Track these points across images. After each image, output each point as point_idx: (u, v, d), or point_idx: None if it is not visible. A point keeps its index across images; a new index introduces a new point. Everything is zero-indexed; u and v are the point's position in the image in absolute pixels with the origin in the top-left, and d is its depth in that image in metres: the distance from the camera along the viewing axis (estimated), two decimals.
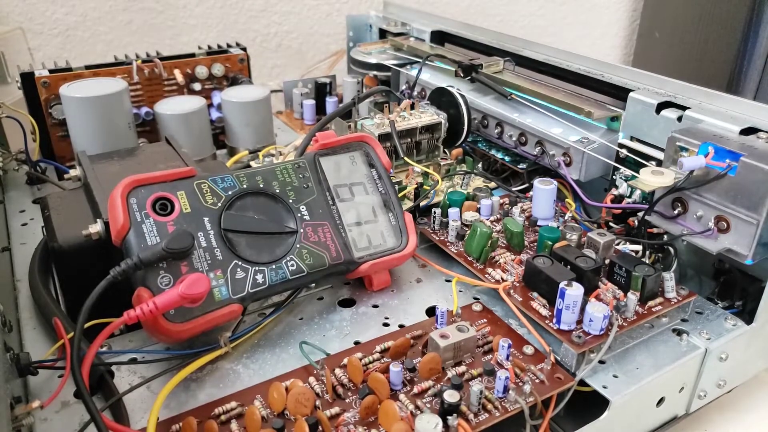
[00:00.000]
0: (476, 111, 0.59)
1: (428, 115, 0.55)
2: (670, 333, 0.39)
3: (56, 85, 0.58)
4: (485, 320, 0.39)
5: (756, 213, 0.37)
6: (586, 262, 0.39)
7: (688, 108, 0.45)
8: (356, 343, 0.38)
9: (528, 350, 0.37)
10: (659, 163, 0.44)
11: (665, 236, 0.44)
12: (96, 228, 0.37)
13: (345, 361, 0.35)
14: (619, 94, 0.51)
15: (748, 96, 1.10)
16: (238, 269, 0.36)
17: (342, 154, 0.44)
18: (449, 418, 0.30)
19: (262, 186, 0.39)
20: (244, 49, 0.69)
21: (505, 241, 0.45)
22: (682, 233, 0.41)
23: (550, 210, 0.47)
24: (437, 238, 0.47)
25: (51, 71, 0.60)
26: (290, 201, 0.40)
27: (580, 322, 0.36)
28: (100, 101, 0.55)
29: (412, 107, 0.56)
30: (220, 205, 0.37)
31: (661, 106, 0.46)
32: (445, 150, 0.57)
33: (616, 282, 0.40)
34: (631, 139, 0.49)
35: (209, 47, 0.68)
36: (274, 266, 0.37)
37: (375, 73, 0.76)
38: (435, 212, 0.47)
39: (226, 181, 0.38)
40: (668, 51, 1.29)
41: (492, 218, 0.48)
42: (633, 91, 0.49)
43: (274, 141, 0.66)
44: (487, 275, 0.42)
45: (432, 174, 0.53)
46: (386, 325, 0.40)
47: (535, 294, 0.39)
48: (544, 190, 0.47)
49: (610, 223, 0.49)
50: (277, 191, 0.40)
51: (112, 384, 0.34)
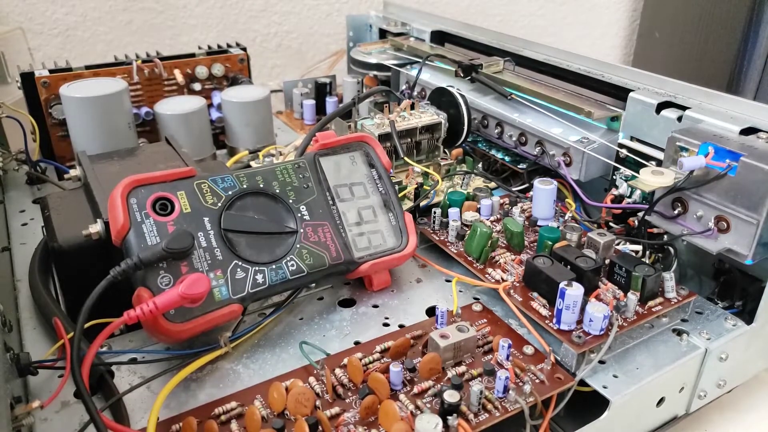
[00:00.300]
0: (476, 111, 0.59)
1: (428, 115, 0.55)
2: (670, 333, 0.39)
3: (56, 85, 0.58)
4: (485, 320, 0.39)
5: (756, 213, 0.37)
6: (586, 262, 0.39)
7: (688, 108, 0.45)
8: (356, 343, 0.38)
9: (528, 350, 0.37)
10: (659, 163, 0.44)
11: (665, 236, 0.44)
12: (96, 228, 0.37)
13: (345, 361, 0.35)
14: (619, 94, 0.51)
15: (748, 96, 1.10)
16: (238, 269, 0.36)
17: (342, 154, 0.44)
18: (449, 418, 0.30)
19: (262, 186, 0.39)
20: (244, 49, 0.69)
21: (505, 241, 0.45)
22: (682, 233, 0.41)
23: (550, 210, 0.47)
24: (437, 238, 0.47)
25: (51, 71, 0.60)
26: (290, 201, 0.40)
27: (580, 322, 0.36)
28: (100, 101, 0.55)
29: (412, 107, 0.56)
30: (220, 205, 0.37)
31: (661, 106, 0.46)
32: (445, 150, 0.57)
33: (616, 282, 0.40)
34: (631, 139, 0.49)
35: (209, 47, 0.68)
36: (274, 266, 0.37)
37: (375, 73, 0.76)
38: (435, 212, 0.47)
39: (226, 181, 0.38)
40: (668, 51, 1.29)
41: (492, 218, 0.48)
42: (633, 91, 0.49)
43: (274, 141, 0.66)
44: (487, 275, 0.42)
45: (432, 174, 0.53)
46: (386, 325, 0.40)
47: (535, 294, 0.39)
48: (544, 190, 0.47)
49: (610, 223, 0.49)
50: (277, 191, 0.40)
51: (112, 384, 0.34)
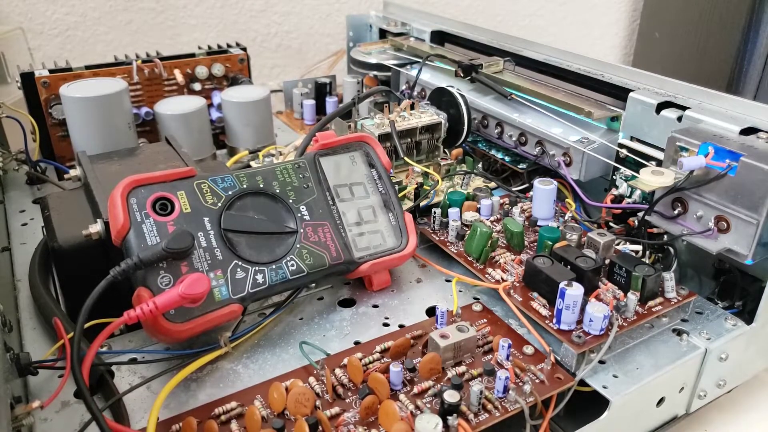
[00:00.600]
0: (476, 111, 0.59)
1: (428, 115, 0.55)
2: (670, 333, 0.39)
3: (56, 85, 0.58)
4: (485, 320, 0.39)
5: (756, 213, 0.37)
6: (586, 262, 0.39)
7: (688, 108, 0.45)
8: (356, 343, 0.38)
9: (528, 350, 0.37)
10: (659, 163, 0.44)
11: (665, 236, 0.44)
12: (96, 228, 0.37)
13: (345, 361, 0.35)
14: (619, 94, 0.51)
15: (748, 96, 1.10)
16: (238, 269, 0.36)
17: (342, 154, 0.44)
18: (449, 418, 0.30)
19: (262, 186, 0.39)
20: (244, 49, 0.69)
21: (505, 241, 0.45)
22: (682, 233, 0.41)
23: (550, 210, 0.47)
24: (437, 238, 0.47)
25: (51, 71, 0.60)
26: (290, 201, 0.40)
27: (580, 322, 0.36)
28: (100, 101, 0.55)
29: (412, 107, 0.56)
30: (220, 205, 0.37)
31: (661, 106, 0.46)
32: (445, 150, 0.57)
33: (616, 282, 0.40)
34: (631, 139, 0.49)
35: (209, 47, 0.68)
36: (274, 266, 0.37)
37: (375, 73, 0.76)
38: (435, 212, 0.47)
39: (226, 181, 0.38)
40: (668, 51, 1.29)
41: (492, 218, 0.48)
42: (633, 91, 0.49)
43: (274, 141, 0.66)
44: (487, 275, 0.42)
45: (432, 174, 0.53)
46: (386, 325, 0.40)
47: (535, 294, 0.39)
48: (544, 190, 0.47)
49: (610, 223, 0.49)
50: (277, 191, 0.40)
51: (112, 384, 0.34)
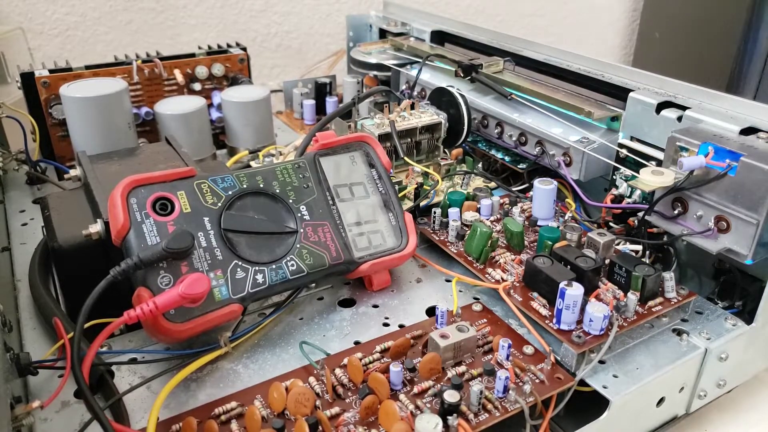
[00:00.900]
0: (476, 111, 0.59)
1: (428, 115, 0.55)
2: (670, 333, 0.39)
3: (56, 85, 0.58)
4: (485, 320, 0.39)
5: (756, 213, 0.37)
6: (586, 262, 0.39)
7: (688, 108, 0.45)
8: (356, 343, 0.38)
9: (528, 350, 0.37)
10: (659, 163, 0.44)
11: (665, 236, 0.44)
12: (96, 228, 0.37)
13: (345, 361, 0.35)
14: (619, 94, 0.51)
15: (748, 96, 1.10)
16: (238, 269, 0.36)
17: (342, 154, 0.44)
18: (449, 418, 0.30)
19: (262, 186, 0.39)
20: (244, 49, 0.69)
21: (505, 241, 0.45)
22: (682, 233, 0.41)
23: (550, 210, 0.47)
24: (437, 238, 0.47)
25: (51, 71, 0.60)
26: (290, 201, 0.40)
27: (580, 322, 0.36)
28: (100, 101, 0.55)
29: (412, 107, 0.56)
30: (220, 205, 0.37)
31: (661, 106, 0.46)
32: (445, 150, 0.57)
33: (616, 282, 0.40)
34: (631, 139, 0.49)
35: (209, 47, 0.68)
36: (274, 266, 0.37)
37: (375, 73, 0.76)
38: (435, 212, 0.47)
39: (226, 181, 0.38)
40: (668, 51, 1.29)
41: (492, 218, 0.48)
42: (633, 91, 0.49)
43: (274, 141, 0.66)
44: (487, 275, 0.42)
45: (432, 174, 0.53)
46: (386, 325, 0.40)
47: (535, 294, 0.39)
48: (544, 190, 0.47)
49: (610, 223, 0.49)
50: (277, 191, 0.40)
51: (112, 384, 0.34)
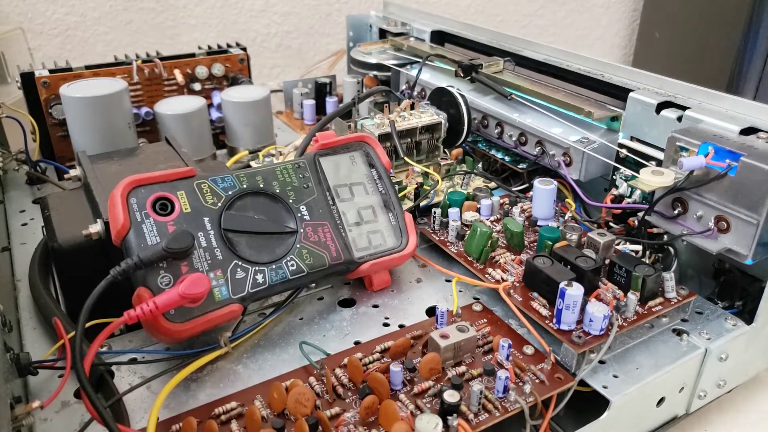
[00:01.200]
0: (476, 111, 0.59)
1: (428, 115, 0.55)
2: (670, 333, 0.39)
3: (56, 85, 0.58)
4: (485, 320, 0.39)
5: (756, 213, 0.37)
6: (586, 262, 0.39)
7: (688, 108, 0.45)
8: (356, 343, 0.38)
9: (528, 350, 0.37)
10: (659, 163, 0.44)
11: (665, 236, 0.44)
12: (96, 228, 0.37)
13: (345, 361, 0.35)
14: (619, 94, 0.51)
15: (748, 96, 1.10)
16: (238, 269, 0.36)
17: (342, 154, 0.44)
18: (449, 418, 0.30)
19: (262, 186, 0.39)
20: (244, 49, 0.69)
21: (505, 241, 0.45)
22: (682, 233, 0.41)
23: (550, 210, 0.47)
24: (437, 238, 0.47)
25: (51, 71, 0.60)
26: (290, 201, 0.40)
27: (580, 322, 0.36)
28: (100, 101, 0.55)
29: (412, 107, 0.56)
30: (220, 205, 0.37)
31: (661, 106, 0.46)
32: (445, 150, 0.57)
33: (616, 282, 0.40)
34: (631, 139, 0.49)
35: (209, 47, 0.68)
36: (274, 266, 0.37)
37: (375, 73, 0.76)
38: (435, 212, 0.47)
39: (226, 181, 0.38)
40: (668, 51, 1.29)
41: (492, 218, 0.48)
42: (633, 91, 0.49)
43: (274, 141, 0.66)
44: (487, 275, 0.42)
45: (432, 174, 0.53)
46: (386, 325, 0.40)
47: (535, 294, 0.39)
48: (544, 190, 0.47)
49: (610, 223, 0.49)
50: (277, 191, 0.40)
51: (112, 384, 0.34)
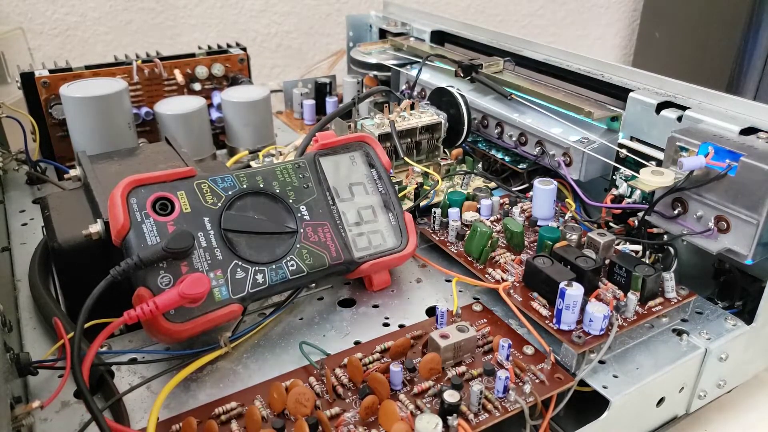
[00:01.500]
0: (476, 111, 0.59)
1: (428, 115, 0.55)
2: (670, 333, 0.39)
3: (56, 85, 0.58)
4: (485, 320, 0.39)
5: (756, 213, 0.37)
6: (586, 262, 0.39)
7: (688, 108, 0.45)
8: (356, 343, 0.38)
9: (528, 350, 0.37)
10: (659, 163, 0.44)
11: (665, 236, 0.44)
12: (96, 228, 0.37)
13: (345, 361, 0.35)
14: (619, 94, 0.51)
15: (748, 96, 1.10)
16: (238, 269, 0.36)
17: (342, 154, 0.44)
18: (449, 418, 0.30)
19: (262, 186, 0.39)
20: (244, 49, 0.69)
21: (505, 241, 0.45)
22: (682, 233, 0.41)
23: (550, 210, 0.47)
24: (437, 238, 0.47)
25: (51, 71, 0.60)
26: (290, 201, 0.40)
27: (580, 322, 0.36)
28: (100, 101, 0.55)
29: (412, 107, 0.56)
30: (220, 205, 0.37)
31: (661, 106, 0.46)
32: (445, 150, 0.57)
33: (616, 282, 0.40)
34: (631, 139, 0.49)
35: (209, 47, 0.68)
36: (274, 266, 0.37)
37: (375, 73, 0.76)
38: (435, 212, 0.47)
39: (226, 181, 0.38)
40: (668, 51, 1.29)
41: (492, 218, 0.48)
42: (633, 91, 0.49)
43: (274, 141, 0.66)
44: (487, 275, 0.42)
45: (432, 174, 0.53)
46: (386, 325, 0.40)
47: (535, 294, 0.39)
48: (544, 190, 0.47)
49: (610, 223, 0.49)
50: (277, 191, 0.40)
51: (112, 384, 0.34)
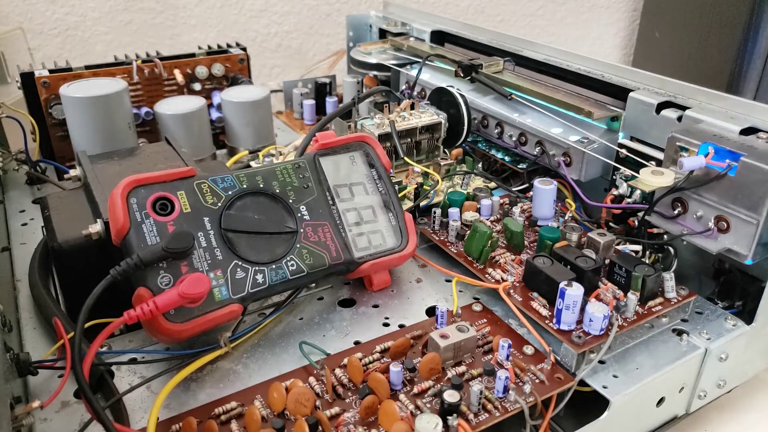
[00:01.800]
0: (476, 111, 0.59)
1: (428, 115, 0.55)
2: (670, 333, 0.39)
3: (56, 85, 0.58)
4: (485, 320, 0.39)
5: (756, 213, 0.37)
6: (586, 262, 0.39)
7: (688, 108, 0.45)
8: (356, 343, 0.38)
9: (528, 350, 0.37)
10: (659, 163, 0.44)
11: (665, 236, 0.44)
12: (96, 228, 0.37)
13: (345, 361, 0.35)
14: (619, 94, 0.51)
15: (748, 96, 1.10)
16: (238, 269, 0.36)
17: (342, 154, 0.44)
18: (449, 418, 0.30)
19: (262, 186, 0.39)
20: (244, 49, 0.69)
21: (505, 241, 0.45)
22: (682, 233, 0.41)
23: (550, 210, 0.47)
24: (437, 238, 0.47)
25: (51, 71, 0.60)
26: (290, 201, 0.40)
27: (580, 322, 0.36)
28: (100, 101, 0.55)
29: (412, 107, 0.56)
30: (220, 205, 0.37)
31: (661, 106, 0.46)
32: (445, 150, 0.57)
33: (616, 282, 0.40)
34: (631, 139, 0.49)
35: (209, 47, 0.68)
36: (274, 266, 0.37)
37: (375, 73, 0.76)
38: (435, 212, 0.47)
39: (226, 181, 0.38)
40: (668, 51, 1.29)
41: (492, 218, 0.48)
42: (633, 91, 0.49)
43: (274, 141, 0.66)
44: (487, 275, 0.42)
45: (432, 174, 0.53)
46: (386, 325, 0.40)
47: (535, 294, 0.39)
48: (544, 190, 0.47)
49: (610, 223, 0.49)
50: (277, 191, 0.40)
51: (112, 384, 0.34)
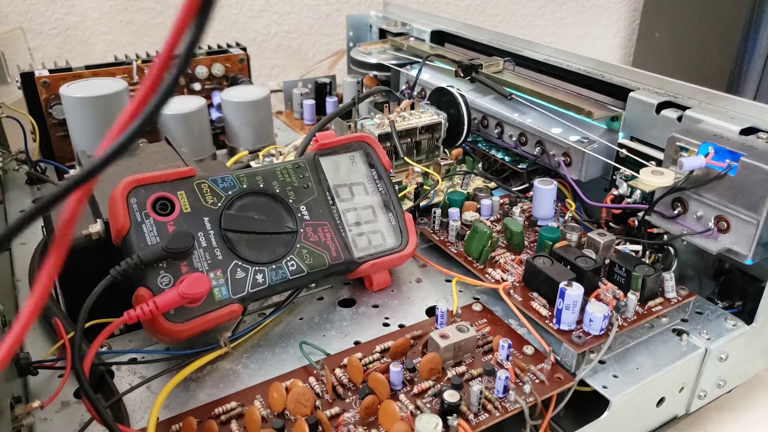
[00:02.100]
0: (476, 111, 0.59)
1: (428, 115, 0.55)
2: (670, 333, 0.39)
3: (56, 85, 0.58)
4: (485, 320, 0.39)
5: (756, 213, 0.37)
6: (586, 262, 0.39)
7: (688, 108, 0.45)
8: (356, 343, 0.38)
9: (528, 350, 0.37)
10: (659, 163, 0.44)
11: (665, 236, 0.44)
12: (96, 228, 0.37)
13: (345, 361, 0.35)
14: (619, 94, 0.51)
15: (748, 96, 1.10)
16: (238, 269, 0.36)
17: (342, 154, 0.44)
18: (449, 418, 0.30)
19: (262, 186, 0.39)
20: (244, 49, 0.69)
21: (505, 241, 0.45)
22: (682, 233, 0.41)
23: (550, 210, 0.47)
24: (437, 238, 0.47)
25: (51, 71, 0.60)
26: (290, 201, 0.40)
27: (580, 322, 0.36)
28: (100, 101, 0.55)
29: (412, 107, 0.56)
30: (220, 205, 0.37)
31: (661, 106, 0.46)
32: (445, 150, 0.57)
33: (616, 282, 0.40)
34: (631, 139, 0.49)
35: (209, 47, 0.68)
36: (274, 266, 0.37)
37: (375, 73, 0.76)
38: (435, 212, 0.47)
39: (226, 181, 0.38)
40: (668, 51, 1.29)
41: (492, 218, 0.48)
42: (633, 91, 0.49)
43: (274, 141, 0.66)
44: (487, 275, 0.42)
45: (432, 174, 0.53)
46: (386, 325, 0.40)
47: (535, 294, 0.39)
48: (544, 190, 0.47)
49: (610, 223, 0.49)
50: (277, 191, 0.40)
51: (112, 384, 0.34)
